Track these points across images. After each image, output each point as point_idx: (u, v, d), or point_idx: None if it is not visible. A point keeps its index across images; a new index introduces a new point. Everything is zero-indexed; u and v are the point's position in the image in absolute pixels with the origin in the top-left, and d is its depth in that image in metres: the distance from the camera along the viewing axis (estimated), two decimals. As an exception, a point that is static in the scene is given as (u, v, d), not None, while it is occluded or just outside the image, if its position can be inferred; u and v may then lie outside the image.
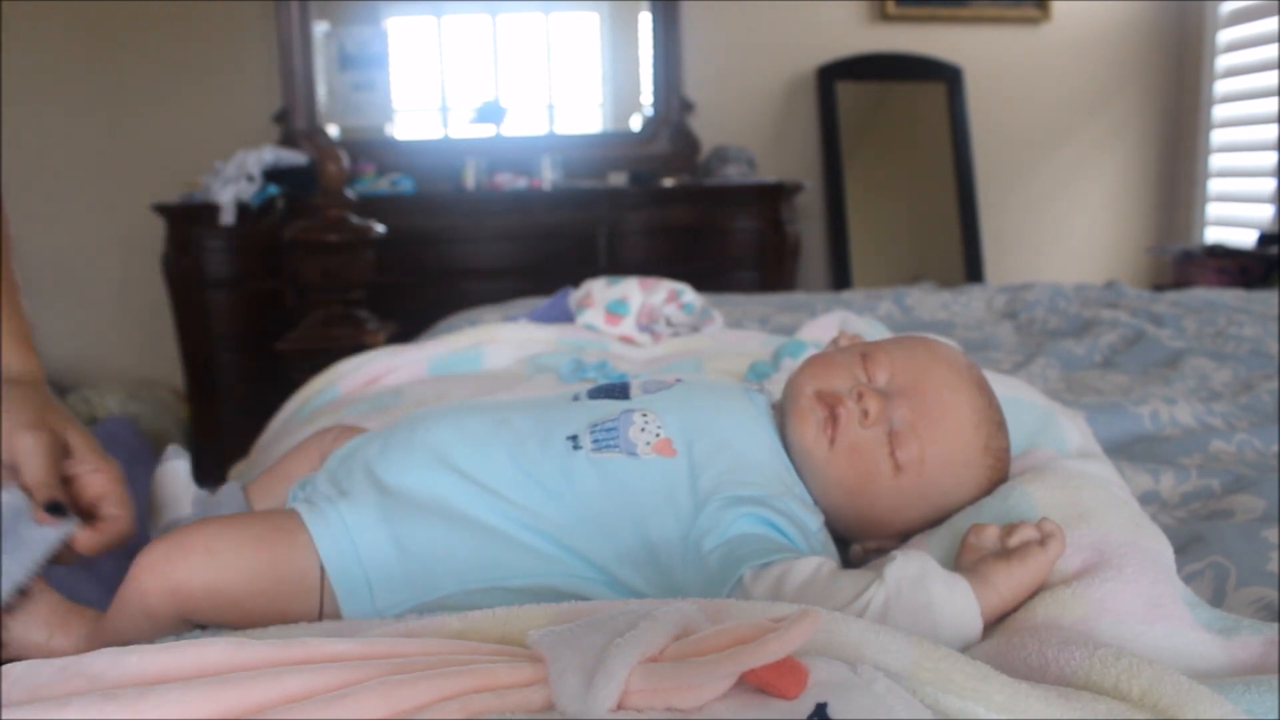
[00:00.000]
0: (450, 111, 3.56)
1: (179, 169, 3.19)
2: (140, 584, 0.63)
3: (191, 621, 0.64)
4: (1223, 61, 3.53)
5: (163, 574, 0.62)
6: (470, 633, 0.52)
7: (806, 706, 0.42)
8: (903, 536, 0.73)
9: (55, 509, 0.68)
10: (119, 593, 0.64)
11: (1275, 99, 3.19)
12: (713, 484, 0.65)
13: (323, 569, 0.63)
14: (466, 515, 0.65)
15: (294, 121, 3.33)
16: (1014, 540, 0.62)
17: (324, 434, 0.83)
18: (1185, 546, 0.77)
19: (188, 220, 2.92)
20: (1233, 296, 2.06)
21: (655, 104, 3.50)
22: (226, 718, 0.43)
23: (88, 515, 0.73)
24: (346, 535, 0.64)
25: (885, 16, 3.54)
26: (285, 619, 0.62)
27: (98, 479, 0.73)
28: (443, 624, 0.53)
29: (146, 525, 0.85)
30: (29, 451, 0.70)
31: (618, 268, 2.78)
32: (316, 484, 0.71)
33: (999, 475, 0.74)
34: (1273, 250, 3.00)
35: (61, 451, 0.72)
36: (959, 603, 0.57)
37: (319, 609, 0.64)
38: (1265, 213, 3.29)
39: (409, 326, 2.35)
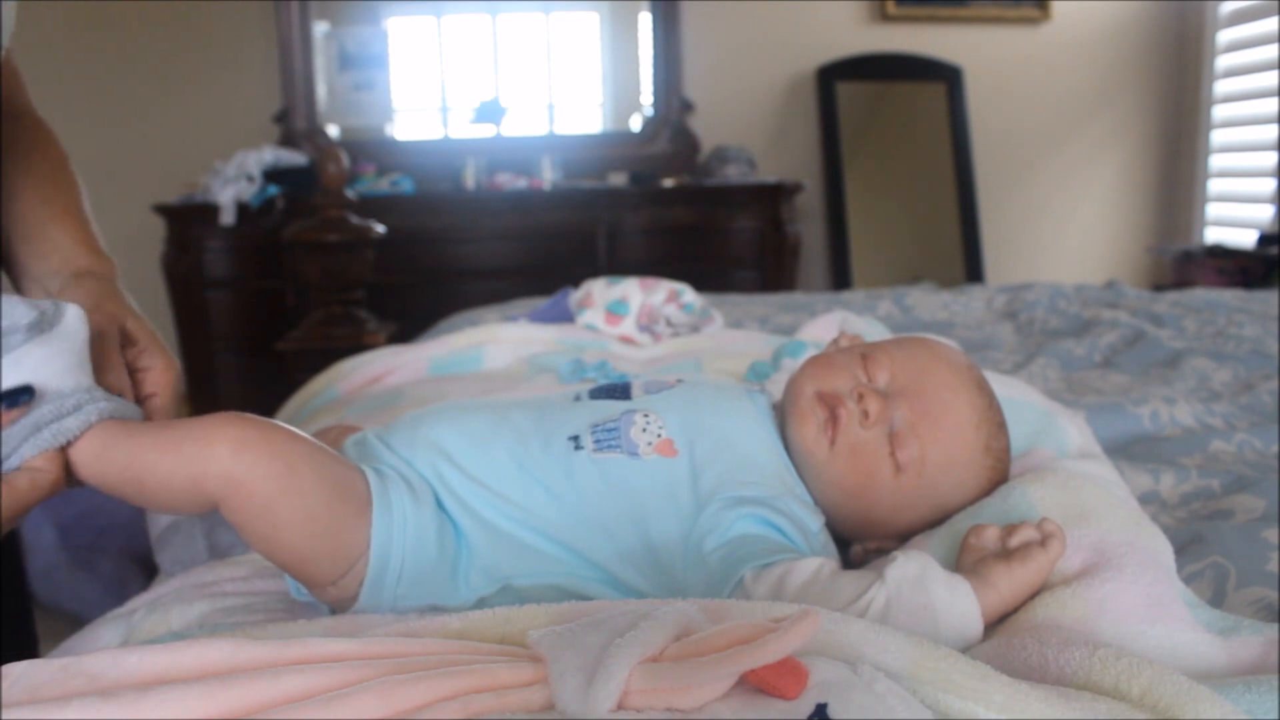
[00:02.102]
0: (450, 111, 3.56)
1: (179, 169, 3.19)
2: (212, 450, 0.58)
3: (214, 506, 0.60)
4: (1223, 61, 3.53)
5: (238, 457, 0.58)
6: (470, 633, 0.52)
7: (807, 707, 0.42)
8: (903, 537, 0.73)
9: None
10: (181, 430, 0.59)
11: (1275, 99, 3.19)
12: (714, 484, 0.65)
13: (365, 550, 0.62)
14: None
15: (294, 121, 3.33)
16: (1015, 541, 0.62)
17: (323, 434, 0.83)
18: (1185, 547, 0.77)
19: (188, 220, 2.92)
20: (1233, 296, 2.05)
21: (655, 104, 3.50)
22: (226, 718, 0.43)
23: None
24: (404, 524, 0.63)
25: (885, 16, 3.54)
26: (306, 565, 0.61)
27: (150, 377, 0.68)
28: (443, 624, 0.53)
29: (145, 523, 0.85)
30: (98, 335, 0.64)
31: (618, 268, 2.78)
32: None
33: (999, 476, 0.74)
34: (1273, 250, 3.00)
35: (118, 339, 0.68)
36: (960, 603, 0.57)
37: (341, 575, 0.62)
38: (1265, 213, 3.29)
39: (409, 326, 2.36)
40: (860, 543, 0.74)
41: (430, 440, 0.68)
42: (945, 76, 3.58)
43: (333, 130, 3.44)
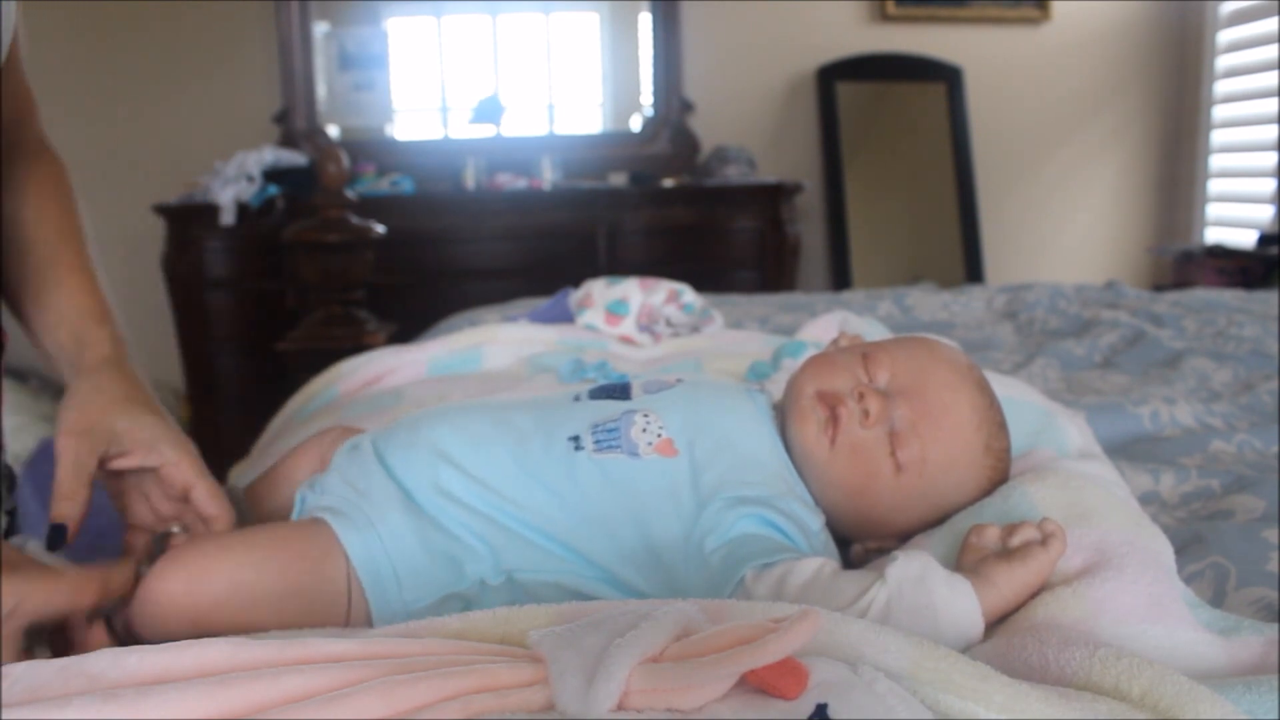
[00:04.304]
0: (450, 111, 3.56)
1: (179, 169, 3.18)
2: (160, 608, 0.60)
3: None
4: (1223, 62, 3.53)
5: (184, 603, 0.60)
6: (470, 633, 0.52)
7: (807, 707, 0.42)
8: (903, 537, 0.73)
9: (54, 536, 0.63)
10: (137, 599, 0.62)
11: (1275, 99, 3.19)
12: (715, 484, 0.65)
13: (349, 580, 0.63)
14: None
15: (294, 122, 3.33)
16: (1015, 540, 0.62)
17: (324, 435, 0.83)
18: (1185, 547, 0.77)
19: (188, 220, 2.92)
20: (1233, 296, 2.05)
21: (655, 104, 3.50)
22: (226, 718, 0.43)
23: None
24: (374, 533, 0.63)
25: (885, 16, 3.54)
26: (309, 624, 0.61)
27: (174, 473, 0.69)
28: (443, 624, 0.53)
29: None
30: (59, 461, 0.66)
31: (618, 268, 2.78)
32: (328, 485, 0.70)
33: (1000, 476, 0.74)
34: (1273, 250, 3.00)
35: (108, 447, 0.68)
36: (961, 603, 0.57)
37: (344, 622, 0.63)
38: (1265, 213, 3.29)
39: (409, 326, 2.35)
40: (861, 542, 0.74)
41: (430, 442, 0.68)
42: (945, 76, 3.58)
43: (333, 130, 3.44)
